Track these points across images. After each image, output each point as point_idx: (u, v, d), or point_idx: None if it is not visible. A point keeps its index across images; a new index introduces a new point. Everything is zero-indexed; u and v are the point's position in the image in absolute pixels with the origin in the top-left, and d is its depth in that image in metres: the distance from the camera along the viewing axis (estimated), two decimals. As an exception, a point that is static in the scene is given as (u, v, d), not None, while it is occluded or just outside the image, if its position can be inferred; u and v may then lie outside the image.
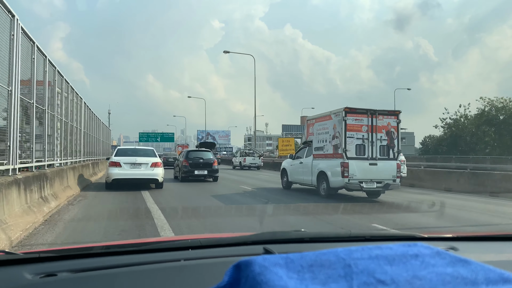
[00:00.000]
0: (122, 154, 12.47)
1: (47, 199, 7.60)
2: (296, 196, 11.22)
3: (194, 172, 15.65)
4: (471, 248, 1.47)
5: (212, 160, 16.23)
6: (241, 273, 0.66)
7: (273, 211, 8.36)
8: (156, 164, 12.04)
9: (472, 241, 1.60)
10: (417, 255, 0.72)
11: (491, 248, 1.53)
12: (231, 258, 1.16)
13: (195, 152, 17.30)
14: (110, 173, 11.78)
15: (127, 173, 11.67)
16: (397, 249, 0.74)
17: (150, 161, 11.96)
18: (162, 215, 7.06)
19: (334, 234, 1.69)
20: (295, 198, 10.79)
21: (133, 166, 11.80)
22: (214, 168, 16.01)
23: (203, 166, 15.82)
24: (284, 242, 1.45)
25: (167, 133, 72.29)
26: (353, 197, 11.01)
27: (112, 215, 7.49)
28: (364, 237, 1.54)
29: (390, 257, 0.70)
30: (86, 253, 1.26)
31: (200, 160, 15.95)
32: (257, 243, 1.36)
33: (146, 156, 12.39)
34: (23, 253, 1.19)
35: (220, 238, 1.50)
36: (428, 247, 0.76)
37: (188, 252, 1.29)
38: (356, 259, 0.69)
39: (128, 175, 11.68)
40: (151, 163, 11.92)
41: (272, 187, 14.08)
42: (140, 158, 12.04)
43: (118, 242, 1.57)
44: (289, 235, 1.54)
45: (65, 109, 11.59)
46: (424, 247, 0.76)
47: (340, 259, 0.69)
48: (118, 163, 11.76)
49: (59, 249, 1.35)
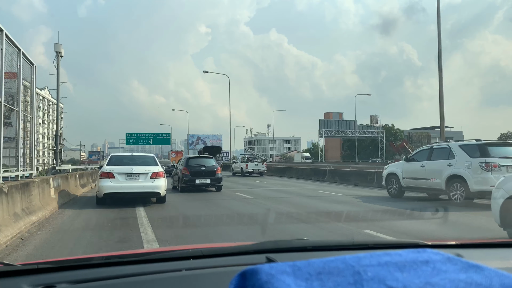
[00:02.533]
0: (116, 162, 10.47)
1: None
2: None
3: (196, 181, 14.17)
4: (476, 255, 1.41)
5: (215, 168, 14.74)
6: (247, 282, 0.65)
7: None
8: (158, 174, 10.02)
9: (476, 248, 1.56)
10: (428, 261, 0.71)
11: (496, 255, 1.49)
12: (233, 267, 1.17)
13: (196, 159, 15.93)
14: (101, 186, 9.73)
15: (122, 185, 9.69)
16: (406, 255, 0.74)
17: (150, 171, 9.99)
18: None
19: (337, 242, 1.67)
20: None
21: (129, 177, 9.81)
22: (217, 176, 14.50)
23: (205, 175, 14.36)
24: (286, 251, 1.41)
25: (161, 133, 56.05)
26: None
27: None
28: (367, 245, 1.54)
29: (400, 264, 0.70)
30: (85, 264, 1.26)
31: (202, 168, 14.52)
32: (259, 252, 1.34)
33: (145, 165, 10.31)
34: (21, 265, 1.18)
35: (221, 248, 1.48)
36: (438, 253, 0.76)
37: (189, 262, 1.27)
38: (365, 266, 0.68)
39: (123, 188, 9.70)
40: (151, 173, 9.93)
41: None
42: (138, 167, 10.04)
43: (117, 252, 1.58)
44: (291, 244, 1.50)
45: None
46: (434, 253, 0.76)
47: (348, 266, 0.68)
48: (111, 174, 9.71)
49: (58, 260, 1.32)
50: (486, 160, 9.32)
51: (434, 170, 10.43)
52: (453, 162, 9.93)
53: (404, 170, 11.50)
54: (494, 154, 9.48)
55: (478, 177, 9.30)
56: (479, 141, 10.26)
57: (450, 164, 9.97)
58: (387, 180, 12.21)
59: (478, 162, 9.37)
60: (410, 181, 11.31)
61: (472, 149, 9.78)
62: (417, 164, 11.10)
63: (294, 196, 12.79)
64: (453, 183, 9.83)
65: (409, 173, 11.34)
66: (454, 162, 9.90)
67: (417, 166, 11.04)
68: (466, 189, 9.44)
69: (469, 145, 10.02)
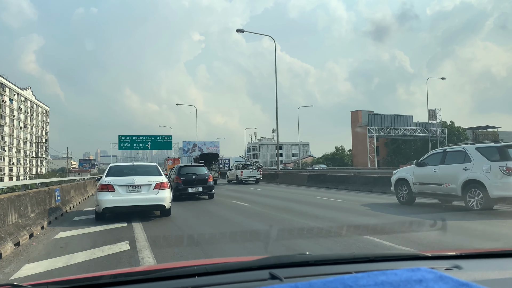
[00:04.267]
0: (115, 173, 9.47)
1: None
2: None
3: (188, 189, 14.29)
4: (475, 266, 1.44)
5: (206, 176, 14.91)
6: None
7: None
8: (162, 185, 9.13)
9: (475, 259, 1.57)
10: (421, 280, 0.76)
11: (494, 265, 1.48)
12: (237, 284, 1.21)
13: (188, 167, 16.13)
14: (100, 200, 8.74)
15: (123, 199, 8.77)
16: (401, 274, 0.79)
17: (154, 181, 9.11)
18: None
19: (338, 256, 1.66)
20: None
21: (131, 189, 8.90)
22: (209, 184, 14.66)
23: (197, 183, 14.55)
24: (289, 266, 1.41)
25: (161, 136, 47.60)
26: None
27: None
28: (368, 258, 1.52)
29: (395, 283, 0.74)
30: (94, 283, 1.27)
31: (193, 176, 14.72)
32: (262, 268, 1.34)
33: (147, 175, 9.36)
34: (31, 285, 1.18)
35: (225, 264, 1.47)
36: (431, 271, 0.81)
37: (194, 280, 1.27)
38: (362, 286, 0.72)
39: (124, 201, 8.77)
40: (154, 183, 9.07)
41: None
42: (140, 178, 9.10)
43: (125, 270, 1.62)
44: (294, 258, 1.50)
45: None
46: (427, 271, 0.81)
47: (347, 286, 0.72)
48: (111, 186, 8.81)
49: (67, 279, 1.33)
50: (507, 163, 8.56)
51: (448, 175, 9.66)
52: (470, 166, 9.16)
53: (415, 175, 10.72)
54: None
55: (498, 182, 8.54)
56: (498, 143, 9.50)
57: (466, 168, 9.20)
58: (396, 186, 11.42)
59: (498, 166, 8.61)
60: (421, 187, 10.52)
61: (490, 151, 9.01)
62: (429, 168, 10.32)
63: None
64: (470, 189, 9.06)
65: (420, 178, 10.55)
66: (471, 166, 9.13)
67: (429, 171, 10.27)
68: (485, 195, 8.68)
69: (487, 147, 9.26)
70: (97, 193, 8.97)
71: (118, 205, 8.73)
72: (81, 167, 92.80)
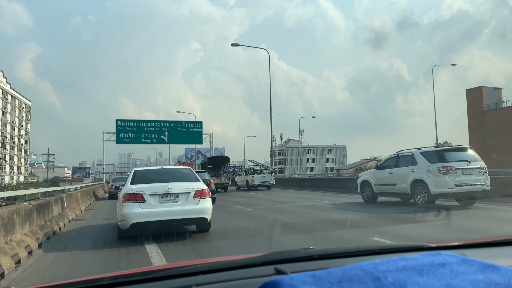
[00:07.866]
0: (143, 180, 7.80)
1: None
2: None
3: None
4: (480, 255, 1.39)
5: (207, 181, 14.67)
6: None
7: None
8: (203, 193, 7.52)
9: (479, 248, 1.60)
10: (445, 264, 0.72)
11: (499, 253, 1.51)
12: (242, 281, 1.19)
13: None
14: (126, 214, 7.05)
15: (156, 211, 7.13)
16: (422, 259, 0.75)
17: (193, 189, 7.49)
18: None
19: (342, 249, 1.64)
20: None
21: (165, 200, 7.29)
22: (210, 189, 14.20)
23: None
24: (293, 261, 1.42)
25: (185, 122, 32.30)
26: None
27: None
28: (373, 251, 1.53)
29: (418, 268, 0.71)
30: (94, 285, 1.28)
31: None
32: (267, 264, 1.34)
33: (183, 181, 7.77)
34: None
35: (229, 261, 1.47)
36: (452, 255, 0.77)
37: (198, 278, 1.27)
38: (384, 271, 0.69)
39: (158, 215, 7.13)
40: (194, 191, 7.45)
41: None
42: (176, 185, 7.48)
43: (125, 271, 1.56)
44: (298, 253, 1.49)
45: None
46: (449, 255, 0.77)
47: (367, 273, 0.69)
48: (140, 196, 7.16)
49: (66, 282, 1.33)
50: (443, 164, 10.51)
51: (400, 176, 11.60)
52: (416, 168, 11.11)
53: (375, 177, 12.67)
54: (450, 159, 10.69)
55: (437, 180, 10.48)
56: (437, 148, 11.50)
57: (414, 170, 11.15)
58: (361, 187, 13.37)
59: (436, 167, 10.56)
60: (381, 187, 12.47)
61: (431, 155, 10.98)
62: (386, 171, 12.25)
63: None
64: (416, 187, 10.99)
65: (379, 180, 12.50)
66: (417, 168, 11.09)
67: (386, 173, 12.20)
68: (427, 192, 10.61)
69: (429, 151, 11.21)
70: (122, 205, 7.27)
71: (150, 219, 7.10)
72: (74, 175, 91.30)
